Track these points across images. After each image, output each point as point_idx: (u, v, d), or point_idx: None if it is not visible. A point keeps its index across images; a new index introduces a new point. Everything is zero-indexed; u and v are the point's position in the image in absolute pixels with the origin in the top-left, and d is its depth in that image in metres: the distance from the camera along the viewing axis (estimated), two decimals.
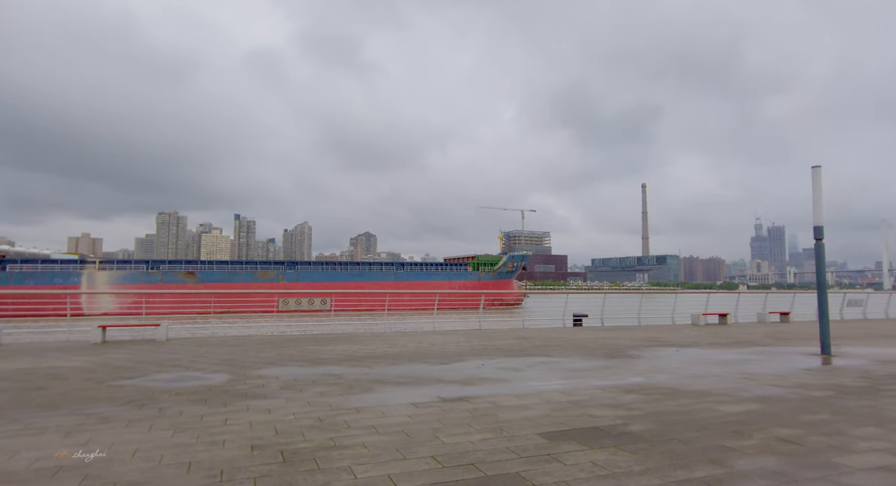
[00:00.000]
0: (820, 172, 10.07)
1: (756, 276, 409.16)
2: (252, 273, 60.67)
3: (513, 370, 7.68)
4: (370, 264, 72.52)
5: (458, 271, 71.27)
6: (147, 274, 55.91)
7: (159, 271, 56.89)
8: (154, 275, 56.04)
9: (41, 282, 51.24)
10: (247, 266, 64.01)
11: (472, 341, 12.12)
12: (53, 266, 54.60)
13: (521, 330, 15.30)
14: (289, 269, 63.01)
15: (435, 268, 73.23)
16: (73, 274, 53.40)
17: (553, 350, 10.22)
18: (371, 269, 69.13)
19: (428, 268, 73.17)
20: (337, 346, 10.95)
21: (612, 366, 8.17)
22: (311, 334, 13.96)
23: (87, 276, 54.03)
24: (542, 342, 11.72)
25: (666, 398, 5.72)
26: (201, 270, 59.26)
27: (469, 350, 10.22)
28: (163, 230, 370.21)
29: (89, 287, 53.12)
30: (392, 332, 14.57)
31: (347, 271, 67.06)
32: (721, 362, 8.72)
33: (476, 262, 73.80)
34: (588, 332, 14.57)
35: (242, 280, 58.52)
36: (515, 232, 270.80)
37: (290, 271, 62.14)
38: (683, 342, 11.85)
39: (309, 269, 65.31)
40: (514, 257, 76.09)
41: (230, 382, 6.68)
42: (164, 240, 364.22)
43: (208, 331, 14.84)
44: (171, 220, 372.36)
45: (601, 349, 10.38)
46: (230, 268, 62.55)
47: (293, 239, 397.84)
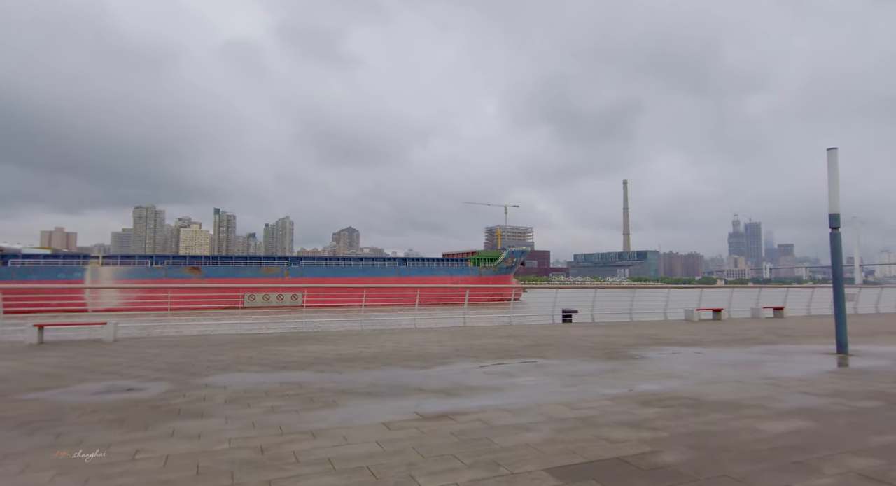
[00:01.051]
0: (836, 154, 9.23)
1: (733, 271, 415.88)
2: (257, 268, 60.44)
3: (504, 376, 6.66)
4: (373, 260, 72.00)
5: (460, 266, 71.56)
6: (152, 269, 55.48)
7: (164, 266, 56.49)
8: (159, 270, 55.57)
9: (44, 277, 50.42)
10: (251, 261, 63.77)
11: (456, 339, 11.10)
12: (56, 261, 54.19)
13: (508, 327, 14.33)
14: (293, 264, 62.95)
15: (436, 263, 72.80)
16: (76, 269, 52.78)
17: (546, 350, 9.24)
18: (374, 264, 68.93)
19: (429, 263, 72.60)
20: (307, 346, 9.83)
21: (615, 369, 7.20)
22: (280, 332, 12.80)
23: (91, 271, 53.43)
24: (532, 341, 10.75)
25: (691, 412, 4.75)
26: (206, 265, 58.99)
27: (453, 351, 9.18)
28: (140, 225, 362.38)
29: (93, 282, 51.78)
30: (369, 330, 13.48)
31: (352, 266, 66.70)
32: (733, 363, 7.82)
33: (476, 257, 74.15)
34: (580, 329, 13.65)
35: (247, 276, 58.24)
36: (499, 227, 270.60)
37: (294, 267, 62.02)
38: (684, 340, 10.97)
39: (313, 264, 65.22)
40: (513, 253, 76.36)
41: (166, 394, 5.54)
42: (141, 234, 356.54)
43: (170, 329, 13.60)
44: (148, 214, 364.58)
45: (599, 349, 9.44)
46: (234, 263, 62.29)
47: (274, 234, 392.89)
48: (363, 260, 71.49)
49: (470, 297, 52.01)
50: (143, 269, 55.70)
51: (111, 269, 55.09)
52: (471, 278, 69.54)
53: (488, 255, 76.16)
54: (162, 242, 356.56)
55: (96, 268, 54.24)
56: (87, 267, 53.97)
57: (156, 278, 53.97)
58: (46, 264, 53.02)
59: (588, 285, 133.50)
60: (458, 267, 71.55)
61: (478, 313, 15.92)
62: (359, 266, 66.91)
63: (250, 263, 62.89)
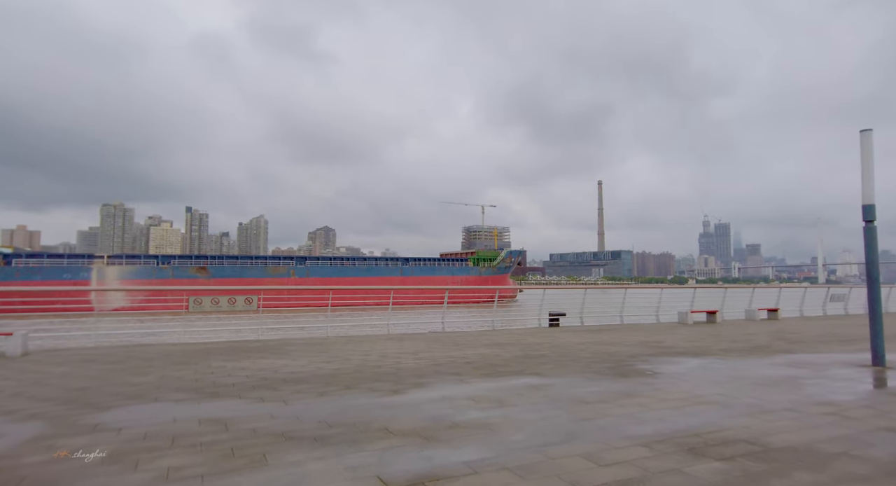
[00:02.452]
0: (870, 136, 8.05)
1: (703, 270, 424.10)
2: (263, 268, 60.12)
3: (496, 404, 5.23)
4: (376, 259, 71.86)
5: (461, 266, 72.33)
6: (158, 269, 54.81)
7: (170, 266, 55.82)
8: (165, 270, 54.88)
9: (49, 277, 49.16)
10: (256, 261, 63.76)
11: (434, 349, 9.64)
12: (61, 261, 53.32)
13: (491, 333, 12.93)
14: (299, 264, 62.91)
15: (435, 263, 73.11)
16: (82, 269, 51.84)
17: (541, 364, 7.85)
18: (377, 264, 69.06)
19: (429, 263, 72.79)
20: (257, 361, 8.25)
21: (631, 391, 5.83)
22: (234, 341, 11.15)
23: (98, 271, 52.36)
24: (522, 351, 9.35)
25: (767, 471, 3.38)
26: (212, 265, 58.44)
27: (431, 365, 7.72)
28: (107, 223, 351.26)
29: (100, 283, 51.08)
30: (337, 337, 11.92)
31: (355, 266, 66.76)
32: (766, 381, 6.54)
33: (476, 257, 74.87)
34: (571, 334, 12.32)
35: (253, 276, 57.81)
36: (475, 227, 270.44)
37: (300, 267, 61.95)
38: (691, 349, 9.72)
39: (317, 264, 65.07)
40: (511, 253, 77.26)
41: (25, 446, 3.94)
42: (109, 233, 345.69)
43: (105, 337, 11.83)
44: (116, 212, 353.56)
45: (601, 361, 8.08)
46: (240, 263, 61.94)
47: (248, 233, 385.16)
48: (366, 260, 71.18)
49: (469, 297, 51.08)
50: (150, 269, 54.86)
51: (117, 269, 53.89)
52: (471, 277, 70.27)
53: (487, 255, 76.77)
54: (131, 240, 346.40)
55: (102, 268, 53.05)
56: (93, 267, 52.73)
57: (163, 279, 53.43)
58: (51, 263, 51.83)
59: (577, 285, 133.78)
60: (459, 267, 72.25)
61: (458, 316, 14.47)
62: (363, 266, 66.95)
63: (256, 263, 62.62)
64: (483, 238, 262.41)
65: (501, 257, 75.37)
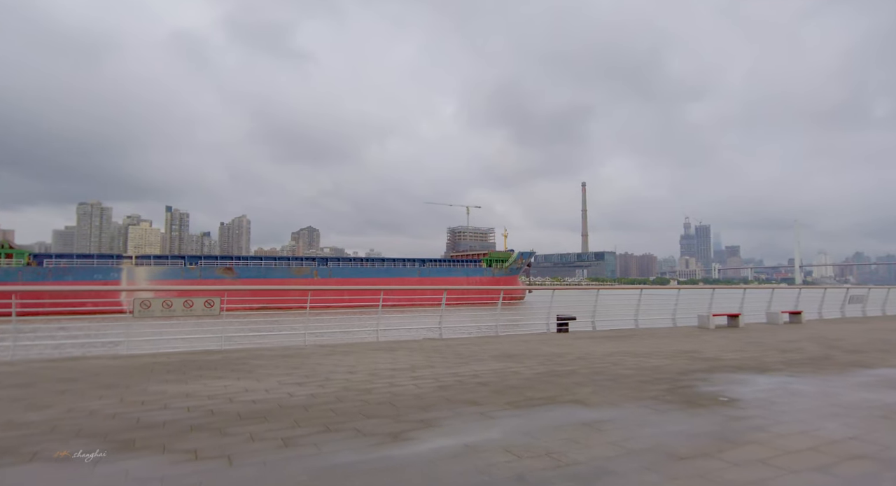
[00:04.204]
0: None
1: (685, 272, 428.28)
2: (287, 269, 60.47)
3: (549, 462, 3.47)
4: (394, 260, 72.55)
5: (475, 267, 73.28)
6: (186, 270, 55.12)
7: (198, 266, 56.25)
8: (193, 270, 55.24)
9: (80, 278, 49.12)
10: (280, 262, 64.40)
11: (434, 363, 7.88)
12: (90, 261, 53.58)
13: (496, 340, 11.18)
14: (321, 265, 63.54)
15: (451, 264, 74.62)
16: (112, 270, 52.13)
17: (576, 386, 6.13)
18: (395, 265, 69.58)
19: (443, 264, 74.26)
20: (209, 382, 6.40)
21: (725, 434, 4.13)
22: (190, 353, 9.23)
23: (127, 272, 52.65)
24: (543, 365, 7.63)
25: None
26: (238, 265, 58.96)
27: (436, 389, 5.96)
28: (84, 222, 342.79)
29: (130, 283, 51.21)
30: (316, 344, 10.06)
31: (375, 267, 67.57)
32: (889, 411, 4.90)
33: (489, 258, 75.68)
34: (591, 342, 10.63)
35: (279, 276, 58.08)
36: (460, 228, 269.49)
37: (323, 267, 62.63)
38: (744, 362, 8.10)
39: (338, 265, 65.66)
40: (522, 254, 78.04)
41: None
42: (86, 232, 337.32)
43: (39, 349, 9.86)
44: (93, 211, 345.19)
45: (650, 382, 6.40)
46: (265, 264, 62.45)
47: (230, 233, 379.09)
48: (384, 261, 71.60)
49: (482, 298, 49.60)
50: (178, 269, 54.96)
51: (146, 269, 53.97)
52: (485, 278, 71.15)
53: (500, 256, 77.49)
54: (108, 240, 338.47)
55: (131, 269, 53.26)
56: (123, 268, 52.99)
57: (191, 279, 53.81)
58: (81, 264, 51.95)
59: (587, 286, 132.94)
60: (474, 268, 73.12)
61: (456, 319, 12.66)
62: (382, 267, 67.60)
63: (279, 263, 62.89)
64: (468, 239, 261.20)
65: (513, 259, 76.11)
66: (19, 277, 47.70)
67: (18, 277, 47.66)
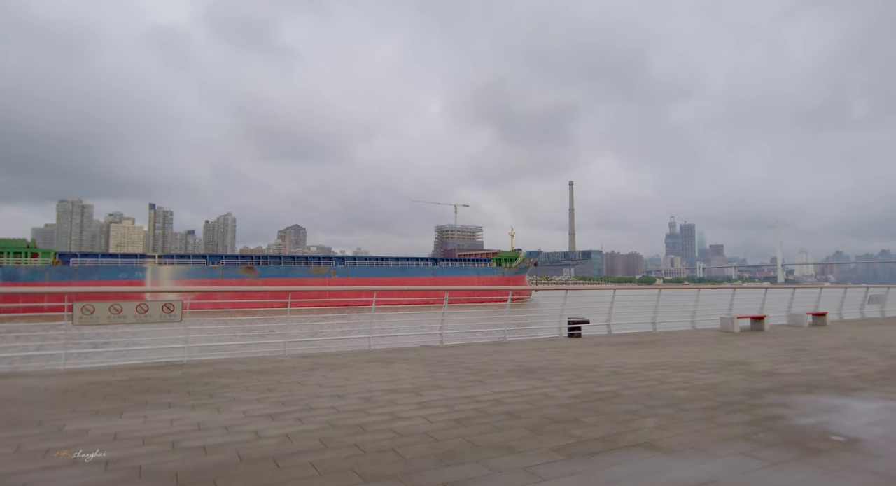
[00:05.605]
0: None
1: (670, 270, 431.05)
2: (306, 268, 60.94)
3: None
4: (408, 259, 73.12)
5: (486, 266, 74.19)
6: (209, 269, 55.22)
7: (220, 265, 56.34)
8: (216, 270, 55.38)
9: (105, 277, 49.36)
10: (298, 261, 64.99)
11: (441, 380, 6.44)
12: (115, 261, 53.74)
13: (505, 347, 9.76)
14: (338, 264, 64.06)
15: (462, 263, 75.34)
16: (136, 269, 52.34)
17: (632, 416, 4.73)
18: (409, 264, 70.33)
19: (456, 263, 75.02)
20: (153, 413, 4.90)
21: None
22: (146, 367, 7.68)
23: (152, 271, 52.73)
24: (574, 383, 6.22)
25: None
26: (258, 265, 59.09)
27: (453, 425, 4.51)
28: (64, 220, 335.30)
29: (154, 282, 51.61)
30: (296, 355, 8.56)
31: (390, 266, 67.84)
32: None
33: (499, 258, 76.45)
34: (614, 351, 9.24)
35: (298, 275, 58.51)
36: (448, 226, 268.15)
37: (340, 266, 63.13)
38: (804, 375, 6.78)
39: (354, 264, 66.18)
40: (530, 254, 79.21)
41: None
42: (66, 230, 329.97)
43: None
44: (74, 208, 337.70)
45: (720, 408, 5.02)
46: (284, 263, 62.74)
47: (215, 231, 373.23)
48: (399, 260, 71.40)
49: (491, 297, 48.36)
50: (201, 268, 55.16)
51: (170, 268, 54.09)
52: (496, 277, 72.09)
53: (509, 255, 78.32)
54: (90, 238, 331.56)
55: (155, 268, 53.29)
56: (148, 267, 53.01)
57: (214, 278, 54.04)
58: (106, 263, 52.30)
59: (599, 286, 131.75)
60: (485, 267, 73.99)
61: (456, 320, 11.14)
62: (397, 266, 67.85)
63: (298, 262, 63.35)
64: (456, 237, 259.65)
65: (522, 258, 77.10)
66: (46, 276, 47.46)
67: (45, 276, 47.45)
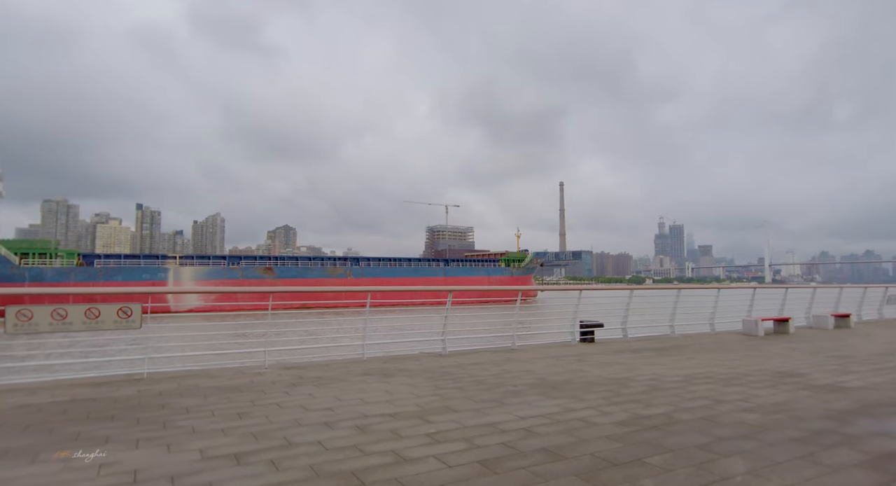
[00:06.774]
0: None
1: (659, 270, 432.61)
2: (323, 269, 61.62)
3: None
4: (420, 260, 75.49)
5: (495, 267, 75.25)
6: (229, 270, 55.82)
7: (239, 266, 56.94)
8: (235, 270, 55.93)
9: (129, 278, 50.05)
10: (314, 262, 65.97)
11: (451, 400, 5.32)
12: (137, 262, 54.47)
13: (516, 354, 8.65)
14: (354, 265, 64.68)
15: (472, 264, 76.40)
16: (158, 270, 52.99)
17: (707, 454, 3.64)
18: (422, 265, 72.30)
19: (465, 264, 75.93)
20: (94, 449, 3.73)
21: None
22: (103, 380, 6.51)
23: (174, 272, 53.31)
24: (613, 404, 5.14)
25: None
26: (276, 265, 59.67)
27: (479, 473, 3.37)
28: (49, 220, 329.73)
29: (176, 283, 52.56)
30: (279, 364, 7.40)
31: (403, 266, 68.55)
32: None
33: (507, 258, 77.45)
34: (639, 359, 8.17)
35: (315, 276, 58.99)
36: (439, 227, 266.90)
37: (355, 267, 63.86)
38: (878, 391, 5.76)
39: (369, 265, 66.33)
40: (537, 254, 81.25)
41: None
42: (51, 231, 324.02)
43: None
44: (59, 208, 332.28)
45: (810, 439, 3.95)
46: (301, 264, 63.49)
47: (204, 232, 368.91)
48: (411, 261, 73.05)
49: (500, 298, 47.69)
50: (221, 269, 55.67)
51: (191, 269, 54.78)
52: (505, 278, 73.17)
53: (517, 256, 79.41)
54: (75, 239, 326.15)
55: (177, 269, 53.89)
56: (170, 268, 53.64)
57: (234, 279, 54.62)
58: (129, 264, 52.95)
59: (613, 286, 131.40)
60: (494, 267, 74.89)
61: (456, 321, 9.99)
62: (409, 267, 68.79)
63: (314, 263, 64.29)
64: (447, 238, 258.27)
65: (529, 259, 78.14)
66: (72, 277, 47.83)
67: (71, 277, 47.82)
